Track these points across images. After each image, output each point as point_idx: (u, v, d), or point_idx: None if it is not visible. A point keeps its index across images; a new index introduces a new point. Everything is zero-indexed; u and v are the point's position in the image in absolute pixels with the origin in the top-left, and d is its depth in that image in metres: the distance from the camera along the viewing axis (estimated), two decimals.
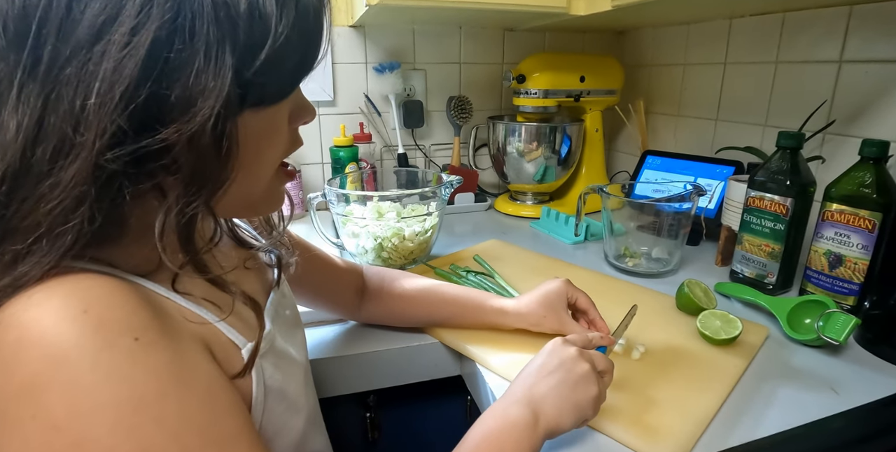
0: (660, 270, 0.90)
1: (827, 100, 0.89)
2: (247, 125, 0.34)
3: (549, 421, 0.46)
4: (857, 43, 0.84)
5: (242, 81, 0.32)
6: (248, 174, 0.37)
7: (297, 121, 0.41)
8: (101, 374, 0.29)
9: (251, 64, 0.32)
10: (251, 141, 0.36)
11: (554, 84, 1.17)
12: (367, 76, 1.27)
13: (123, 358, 0.30)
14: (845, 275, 0.74)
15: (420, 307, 0.69)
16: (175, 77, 0.30)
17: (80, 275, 0.32)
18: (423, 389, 0.72)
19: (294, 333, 0.54)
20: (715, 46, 1.11)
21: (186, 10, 0.30)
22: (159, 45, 0.30)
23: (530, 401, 0.47)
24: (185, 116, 0.31)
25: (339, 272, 0.68)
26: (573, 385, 0.48)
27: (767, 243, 0.80)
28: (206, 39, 0.30)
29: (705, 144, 1.16)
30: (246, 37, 0.32)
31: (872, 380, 0.61)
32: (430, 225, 0.89)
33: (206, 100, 0.31)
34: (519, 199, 1.30)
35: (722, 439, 0.51)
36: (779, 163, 0.78)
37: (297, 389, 0.48)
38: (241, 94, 0.33)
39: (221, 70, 0.31)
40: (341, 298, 0.69)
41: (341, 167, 1.18)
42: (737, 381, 0.60)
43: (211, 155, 0.32)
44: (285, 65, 0.35)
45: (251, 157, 0.37)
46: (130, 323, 0.31)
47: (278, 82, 0.36)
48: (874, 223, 0.70)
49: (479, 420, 0.46)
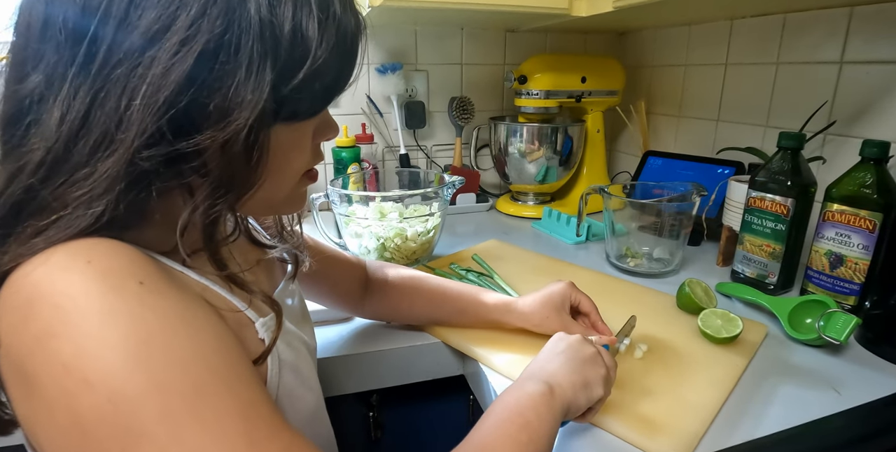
0: (661, 270, 0.90)
1: (828, 100, 0.89)
2: (277, 137, 0.36)
3: (564, 394, 0.46)
4: (858, 44, 0.84)
5: (279, 96, 0.34)
6: (274, 180, 0.39)
7: (321, 137, 0.43)
8: (108, 315, 0.29)
9: (289, 81, 0.34)
10: (279, 151, 0.38)
11: (555, 85, 1.17)
12: (370, 77, 1.28)
13: (131, 298, 0.30)
14: (846, 275, 0.74)
15: (422, 300, 0.69)
16: (216, 87, 0.32)
17: (84, 239, 0.33)
18: (425, 388, 0.73)
19: (303, 324, 0.55)
20: (716, 47, 1.12)
21: (235, 26, 0.32)
22: (206, 56, 0.32)
23: (542, 377, 0.48)
24: (221, 125, 0.33)
25: (344, 264, 0.69)
26: (581, 362, 0.50)
27: (768, 243, 0.81)
28: (249, 55, 0.32)
29: (706, 145, 1.16)
30: (287, 56, 0.34)
31: (873, 380, 0.61)
32: (432, 225, 0.89)
33: (243, 111, 0.33)
34: (520, 200, 1.30)
35: (725, 437, 0.52)
36: (780, 163, 0.79)
37: (309, 370, 0.49)
38: (276, 108, 0.35)
39: (260, 84, 0.33)
40: (345, 290, 0.69)
41: (344, 168, 1.18)
42: (738, 380, 0.60)
43: (241, 162, 0.34)
44: (320, 84, 0.37)
45: (278, 166, 0.39)
46: (134, 270, 0.32)
47: (311, 100, 0.38)
48: (875, 223, 0.71)
49: (496, 399, 0.46)
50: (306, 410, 0.47)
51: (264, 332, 0.42)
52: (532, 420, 0.43)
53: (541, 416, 0.43)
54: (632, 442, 0.51)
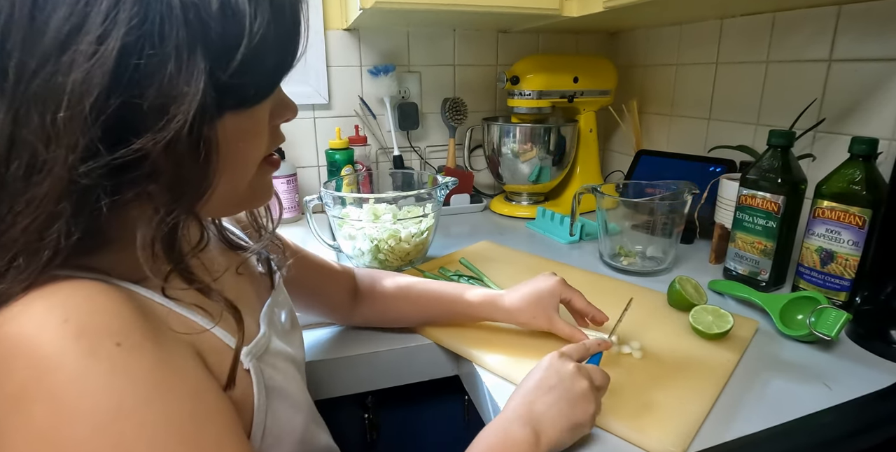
0: (654, 269, 0.90)
1: (817, 98, 0.90)
2: (227, 127, 0.34)
3: (549, 440, 0.46)
4: (847, 42, 0.85)
5: (219, 84, 0.32)
6: (231, 174, 0.37)
7: (278, 118, 0.40)
8: (82, 383, 0.29)
9: (227, 66, 0.32)
10: (232, 142, 0.35)
11: (547, 85, 1.18)
12: (362, 79, 1.28)
13: (105, 365, 0.29)
14: (837, 272, 0.75)
15: (411, 304, 0.69)
16: (146, 84, 0.29)
17: (62, 284, 0.31)
18: (421, 390, 0.73)
19: (291, 334, 0.54)
20: (707, 46, 1.12)
21: (154, 13, 0.29)
22: (128, 52, 0.29)
23: (530, 420, 0.47)
24: (160, 124, 0.30)
25: (333, 273, 0.68)
26: (573, 403, 0.48)
27: (760, 240, 0.81)
28: (175, 43, 0.29)
29: (698, 143, 1.17)
30: (219, 38, 0.31)
31: (864, 375, 0.61)
32: (425, 226, 0.90)
33: (180, 106, 0.30)
34: (514, 200, 1.31)
35: (718, 433, 0.52)
36: (770, 161, 0.79)
37: (297, 388, 0.48)
38: (219, 98, 0.32)
39: (194, 74, 0.30)
40: (335, 300, 0.69)
41: (337, 170, 1.18)
42: (730, 375, 0.61)
43: (190, 162, 0.32)
44: (264, 65, 0.34)
45: (233, 158, 0.36)
46: (111, 327, 0.30)
47: (257, 83, 0.35)
48: (864, 219, 0.71)
49: (480, 436, 0.46)
50: (297, 430, 0.47)
51: (248, 362, 0.41)
52: None
53: None
54: (627, 439, 0.51)
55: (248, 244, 0.53)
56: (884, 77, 0.80)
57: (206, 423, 0.33)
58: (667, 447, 0.49)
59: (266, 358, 0.45)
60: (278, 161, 0.43)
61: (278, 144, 0.42)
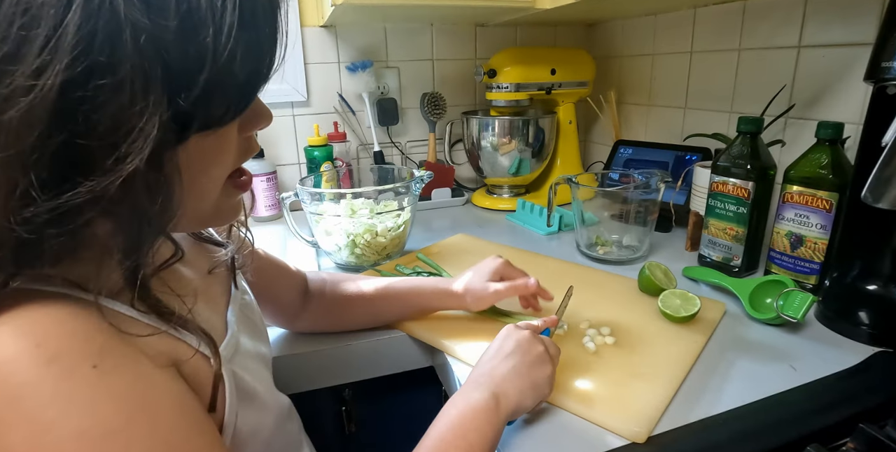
0: (630, 257, 0.91)
1: (787, 84, 0.91)
2: (190, 150, 0.31)
3: (510, 402, 0.47)
4: (814, 28, 0.86)
5: (181, 111, 0.29)
6: (197, 196, 0.35)
7: (250, 129, 0.37)
8: (61, 407, 0.28)
9: (189, 91, 0.28)
10: (196, 164, 0.33)
11: (525, 77, 1.18)
12: (341, 75, 1.28)
13: (83, 387, 0.29)
14: (806, 255, 0.75)
15: (363, 305, 0.68)
16: (94, 120, 0.26)
17: (29, 306, 0.30)
18: (398, 381, 0.73)
19: (259, 331, 0.54)
20: (681, 36, 1.13)
21: (101, 38, 0.26)
22: (72, 85, 0.25)
23: (490, 385, 0.48)
24: (111, 164, 0.27)
25: (284, 272, 0.67)
26: (530, 364, 0.50)
27: (732, 227, 0.82)
28: (128, 72, 0.26)
29: (676, 133, 1.18)
30: (179, 62, 0.28)
31: (830, 356, 0.62)
32: (402, 220, 0.90)
33: (134, 142, 0.27)
34: (496, 193, 1.31)
35: (684, 414, 0.53)
36: (739, 147, 0.80)
37: (266, 387, 0.48)
38: (183, 124, 0.29)
39: (150, 105, 0.27)
40: (284, 301, 0.66)
41: (316, 167, 1.18)
42: (697, 357, 0.62)
43: (148, 199, 0.29)
44: (233, 82, 0.31)
45: (194, 179, 0.34)
46: (85, 350, 0.29)
47: (226, 103, 0.31)
48: (831, 203, 0.72)
49: (442, 410, 0.47)
50: (266, 429, 0.47)
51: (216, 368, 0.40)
52: (475, 443, 0.43)
53: (484, 436, 0.44)
54: (593, 422, 0.52)
55: (218, 240, 0.52)
56: (849, 62, 0.81)
57: (192, 435, 0.33)
58: (632, 428, 0.50)
59: (237, 359, 0.45)
60: (246, 182, 0.40)
61: (249, 156, 0.39)
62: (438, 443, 0.44)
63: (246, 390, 0.43)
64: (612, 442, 0.50)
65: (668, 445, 0.49)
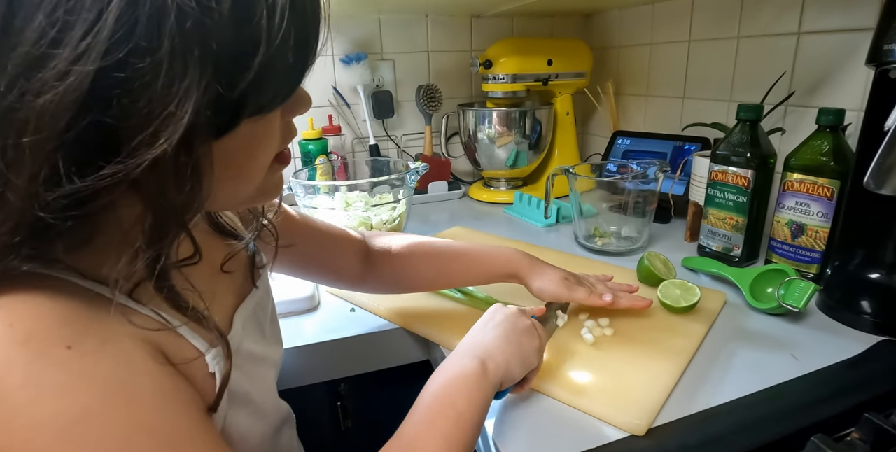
0: (629, 248, 0.90)
1: (786, 71, 0.89)
2: (240, 136, 0.31)
3: (498, 368, 0.47)
4: (814, 14, 0.84)
5: (232, 96, 0.28)
6: (238, 181, 0.34)
7: (292, 114, 0.37)
8: (35, 388, 0.27)
9: (243, 76, 0.28)
10: (243, 150, 0.32)
11: (521, 68, 1.17)
12: (335, 68, 1.26)
13: (57, 368, 0.28)
14: (807, 244, 0.74)
15: (430, 262, 0.67)
16: (126, 103, 0.26)
17: (12, 288, 0.29)
18: (394, 375, 0.72)
19: (269, 335, 0.52)
20: (679, 25, 1.11)
21: (144, 22, 0.25)
22: (109, 71, 0.25)
23: (477, 353, 0.47)
24: (138, 150, 0.26)
25: (338, 239, 0.65)
26: (519, 334, 0.51)
27: (732, 216, 0.81)
28: (168, 58, 0.25)
29: (674, 123, 1.16)
30: (232, 46, 0.27)
31: (833, 345, 0.61)
32: (398, 213, 0.89)
33: (165, 128, 0.26)
34: (493, 186, 1.30)
35: (685, 405, 0.52)
36: (739, 136, 0.79)
37: (265, 391, 0.47)
38: (236, 108, 0.29)
39: (185, 92, 0.26)
40: (345, 266, 0.65)
41: (311, 160, 1.17)
42: (697, 348, 0.61)
43: (174, 187, 0.28)
44: (284, 66, 0.30)
45: (241, 165, 0.33)
46: (61, 332, 0.29)
47: (276, 88, 0.31)
48: (833, 191, 0.71)
49: (431, 378, 0.46)
50: (257, 436, 0.45)
51: (214, 365, 0.39)
52: (463, 410, 0.42)
53: (473, 402, 0.43)
54: (593, 414, 0.51)
55: (240, 233, 0.49)
56: (850, 48, 0.80)
57: (174, 418, 0.31)
58: (632, 420, 0.49)
59: (236, 359, 0.42)
60: (288, 156, 0.39)
61: (291, 140, 0.38)
62: (426, 413, 0.42)
63: (239, 393, 0.42)
64: (612, 435, 0.49)
65: (668, 437, 0.48)
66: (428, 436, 0.40)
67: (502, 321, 0.52)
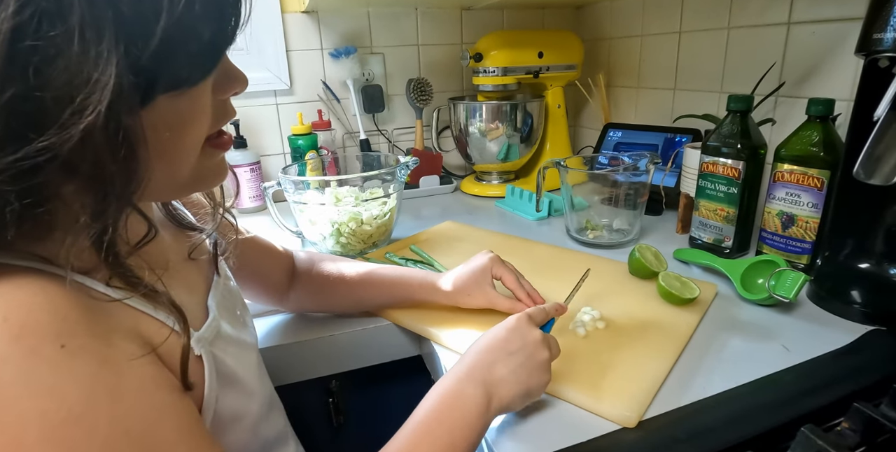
0: (621, 241, 0.90)
1: (776, 62, 0.89)
2: (160, 111, 0.31)
3: (501, 403, 0.46)
4: (804, 4, 0.84)
5: (141, 66, 0.28)
6: (168, 161, 0.33)
7: (224, 92, 0.36)
8: (24, 386, 0.27)
9: (146, 42, 0.28)
10: (167, 127, 0.32)
11: (512, 61, 1.16)
12: (324, 62, 1.25)
13: (48, 367, 0.28)
14: (798, 235, 0.74)
15: (349, 288, 0.67)
16: (47, 72, 0.26)
17: (1, 281, 0.29)
18: (386, 371, 0.72)
19: (242, 318, 0.53)
20: (670, 16, 1.11)
21: None
22: (22, 34, 0.25)
23: (486, 382, 0.46)
24: (67, 118, 0.26)
25: (273, 255, 0.66)
26: (531, 370, 0.48)
27: (722, 207, 0.81)
28: (79, 21, 0.25)
29: (666, 115, 1.16)
30: (132, 11, 0.27)
31: (823, 335, 0.61)
32: (388, 208, 0.88)
33: (90, 95, 0.26)
34: (485, 179, 1.29)
35: (675, 397, 0.52)
36: (730, 127, 0.78)
37: (250, 374, 0.47)
38: (147, 81, 0.29)
39: (104, 56, 0.26)
40: (273, 282, 0.66)
41: (301, 156, 1.16)
42: (688, 340, 0.61)
43: (110, 158, 0.28)
44: (196, 38, 0.30)
45: (169, 144, 0.33)
46: (55, 328, 0.29)
47: (191, 61, 0.31)
48: (823, 181, 0.71)
49: (431, 392, 0.45)
50: (250, 417, 0.46)
51: (200, 348, 0.40)
52: (458, 439, 0.42)
53: (469, 435, 0.42)
54: (584, 407, 0.51)
55: (198, 225, 0.50)
56: (840, 38, 0.79)
57: (160, 422, 0.32)
58: (623, 412, 0.49)
59: (218, 343, 0.44)
60: (227, 142, 0.39)
61: (226, 121, 0.38)
62: (421, 431, 0.42)
63: (226, 373, 0.42)
64: (603, 427, 0.49)
65: (659, 429, 0.48)
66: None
67: (520, 350, 0.48)
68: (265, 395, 0.50)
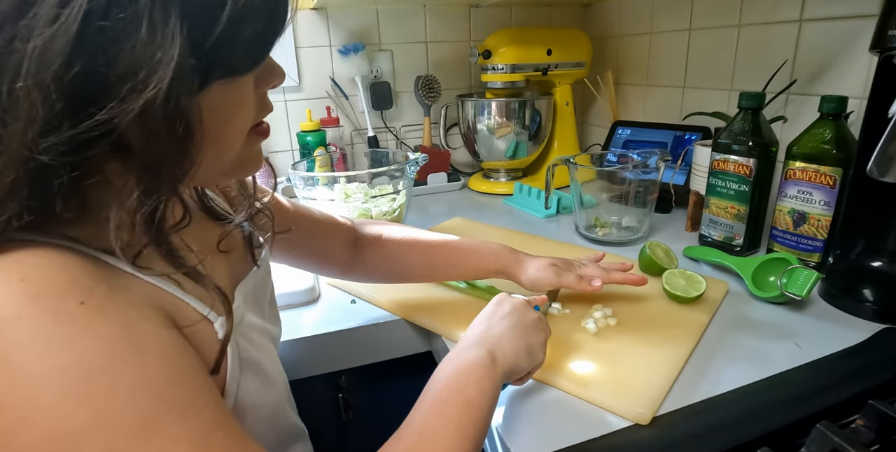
0: (630, 238, 0.90)
1: (788, 59, 0.88)
2: (212, 98, 0.32)
3: (506, 361, 0.46)
4: (816, 1, 0.83)
5: (203, 51, 0.29)
6: (217, 147, 0.34)
7: (264, 85, 0.37)
8: (43, 343, 0.27)
9: (210, 30, 0.29)
10: (218, 113, 0.33)
11: (520, 58, 1.16)
12: (332, 59, 1.25)
13: (68, 323, 0.27)
14: (809, 233, 0.74)
15: (419, 253, 0.66)
16: (114, 51, 0.27)
17: (22, 249, 0.29)
18: (395, 367, 0.72)
19: (269, 311, 0.53)
20: (679, 13, 1.10)
21: None
22: (93, 16, 0.26)
23: (486, 342, 0.47)
24: (127, 94, 0.27)
25: (332, 226, 0.66)
26: (526, 328, 0.50)
27: (733, 205, 0.80)
28: (149, 5, 0.27)
29: (675, 112, 1.16)
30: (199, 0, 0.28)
31: (835, 333, 0.61)
32: (398, 204, 0.88)
33: (153, 74, 0.27)
34: (492, 177, 1.29)
35: (688, 394, 0.52)
36: (741, 124, 0.78)
37: (272, 364, 0.48)
38: (207, 66, 0.30)
39: (170, 39, 0.27)
40: (334, 252, 0.65)
41: (309, 152, 1.16)
42: (700, 337, 0.61)
43: (167, 137, 0.29)
44: (252, 29, 0.31)
45: (220, 130, 0.34)
46: (73, 288, 0.29)
47: (248, 49, 0.32)
48: (835, 179, 0.70)
49: (437, 369, 0.45)
50: (268, 406, 0.46)
51: (223, 332, 0.39)
52: (473, 397, 0.42)
53: (482, 390, 0.43)
54: (597, 404, 0.51)
55: (232, 216, 0.49)
56: (852, 35, 0.79)
57: (182, 384, 0.31)
58: (636, 410, 0.49)
59: (241, 329, 0.43)
60: (267, 129, 0.41)
61: (266, 114, 0.40)
62: (435, 401, 0.42)
63: (248, 360, 0.42)
64: (616, 424, 0.49)
65: (672, 426, 0.48)
66: (437, 423, 0.40)
67: (510, 312, 0.51)
68: (283, 386, 0.50)
